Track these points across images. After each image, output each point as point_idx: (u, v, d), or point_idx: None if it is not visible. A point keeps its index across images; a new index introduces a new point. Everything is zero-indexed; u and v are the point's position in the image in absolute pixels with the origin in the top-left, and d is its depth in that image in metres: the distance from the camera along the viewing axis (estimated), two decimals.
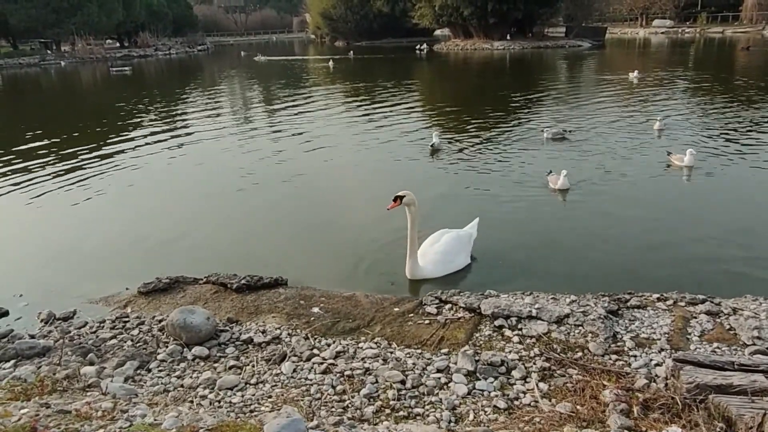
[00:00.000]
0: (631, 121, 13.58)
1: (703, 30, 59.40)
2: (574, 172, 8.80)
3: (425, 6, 53.39)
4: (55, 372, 3.79)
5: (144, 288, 5.46)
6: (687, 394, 3.05)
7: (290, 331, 4.47)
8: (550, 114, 15.34)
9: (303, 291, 5.30)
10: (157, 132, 15.09)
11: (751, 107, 14.71)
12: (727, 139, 11.22)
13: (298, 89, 25.04)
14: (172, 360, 4.10)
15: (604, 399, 3.22)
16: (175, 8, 78.43)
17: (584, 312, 4.38)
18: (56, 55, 54.83)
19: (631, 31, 66.29)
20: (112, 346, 4.37)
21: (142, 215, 8.29)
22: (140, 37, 65.80)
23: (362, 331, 4.47)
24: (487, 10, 48.26)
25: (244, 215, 8.14)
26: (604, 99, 17.69)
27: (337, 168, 10.74)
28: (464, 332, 4.32)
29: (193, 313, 4.37)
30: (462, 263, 5.99)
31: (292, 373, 3.84)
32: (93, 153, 12.42)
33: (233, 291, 5.33)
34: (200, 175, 10.47)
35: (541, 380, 3.61)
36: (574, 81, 25.39)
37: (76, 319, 5.00)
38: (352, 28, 69.21)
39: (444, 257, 5.86)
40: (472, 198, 8.43)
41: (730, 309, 4.48)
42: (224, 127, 15.62)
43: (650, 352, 3.90)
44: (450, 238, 6.01)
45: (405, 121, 15.14)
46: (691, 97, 17.62)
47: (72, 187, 9.71)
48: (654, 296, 4.76)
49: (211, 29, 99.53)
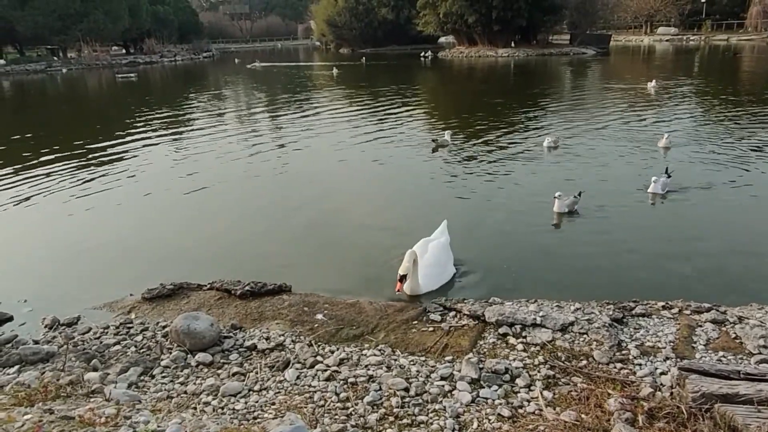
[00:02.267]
0: (637, 132, 13.56)
1: (708, 38, 59.43)
2: (577, 181, 8.78)
3: (430, 13, 53.61)
4: (59, 378, 3.79)
5: (148, 294, 5.46)
6: (692, 403, 3.03)
7: (294, 338, 4.47)
8: (553, 122, 15.33)
9: (307, 297, 5.29)
10: (161, 137, 15.17)
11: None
12: (735, 153, 11.19)
13: (303, 96, 25.11)
14: (175, 366, 4.09)
15: (609, 407, 3.20)
16: (180, 15, 78.84)
17: (589, 320, 4.36)
18: (62, 62, 55.14)
19: (636, 38, 66.40)
20: (115, 352, 4.38)
21: (146, 221, 8.32)
22: (146, 44, 66.16)
23: (366, 338, 4.46)
24: (491, 17, 48.46)
25: (247, 221, 8.15)
26: (612, 108, 17.67)
27: (341, 174, 10.76)
28: (468, 340, 4.31)
29: (197, 320, 4.37)
30: (451, 272, 5.89)
31: (296, 380, 3.83)
32: (98, 158, 12.48)
33: (237, 297, 5.33)
34: (205, 180, 10.50)
35: (546, 388, 3.59)
36: (578, 89, 25.41)
37: (80, 324, 5.01)
38: (357, 36, 69.52)
39: (437, 269, 5.75)
40: (474, 204, 8.43)
41: (735, 317, 4.46)
42: (229, 133, 15.68)
43: (655, 361, 3.88)
44: (437, 249, 5.92)
45: (411, 128, 15.18)
46: (702, 110, 17.57)
47: (77, 193, 9.74)
48: (659, 304, 4.75)
49: (216, 36, 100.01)
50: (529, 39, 53.30)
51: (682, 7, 64.60)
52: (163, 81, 41.51)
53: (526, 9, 48.14)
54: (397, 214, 8.05)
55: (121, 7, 59.22)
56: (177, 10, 77.84)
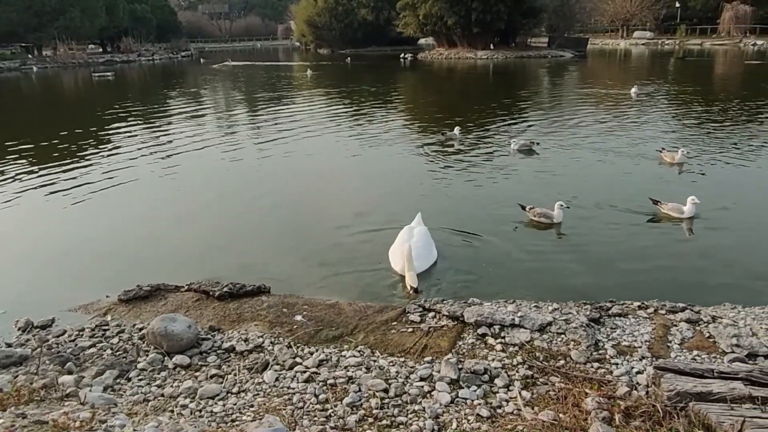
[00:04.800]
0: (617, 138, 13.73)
1: (683, 42, 60.48)
2: (560, 184, 8.86)
3: (409, 15, 53.71)
4: (32, 381, 3.72)
5: (124, 296, 5.39)
6: (668, 401, 3.07)
7: (273, 340, 4.44)
8: (527, 125, 15.46)
9: (286, 299, 5.27)
10: (137, 138, 14.97)
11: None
12: (714, 157, 11.40)
13: (279, 96, 24.97)
14: (152, 369, 4.04)
15: (587, 407, 3.23)
16: (158, 14, 78.03)
17: (566, 320, 4.41)
18: (37, 60, 54.19)
19: (613, 42, 67.25)
20: (91, 354, 4.31)
21: (122, 222, 8.19)
22: (123, 43, 65.35)
23: (345, 339, 4.45)
24: (470, 19, 48.70)
25: (226, 222, 8.09)
26: (593, 115, 17.85)
27: (320, 175, 10.73)
28: (447, 340, 4.32)
29: (174, 321, 4.32)
30: (435, 255, 6.30)
31: (275, 381, 3.81)
32: (72, 159, 12.28)
33: (215, 299, 5.28)
34: (181, 181, 10.40)
35: (524, 388, 3.62)
36: (555, 92, 25.64)
37: (55, 327, 4.92)
38: (337, 36, 69.40)
39: (425, 251, 6.16)
40: (452, 205, 8.47)
41: (709, 317, 4.54)
42: (206, 133, 15.52)
43: (632, 360, 3.93)
44: (422, 234, 6.35)
45: (390, 128, 15.20)
46: (684, 117, 17.84)
47: (50, 194, 9.58)
48: (635, 304, 4.81)
49: (195, 35, 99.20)
50: (508, 41, 53.67)
51: (658, 11, 65.64)
52: (141, 80, 41.01)
53: (506, 12, 48.50)
54: (375, 214, 8.05)
55: (98, 5, 58.47)
56: (155, 9, 77.03)
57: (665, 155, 10.38)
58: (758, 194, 8.81)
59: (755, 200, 8.51)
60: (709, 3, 63.16)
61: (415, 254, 5.89)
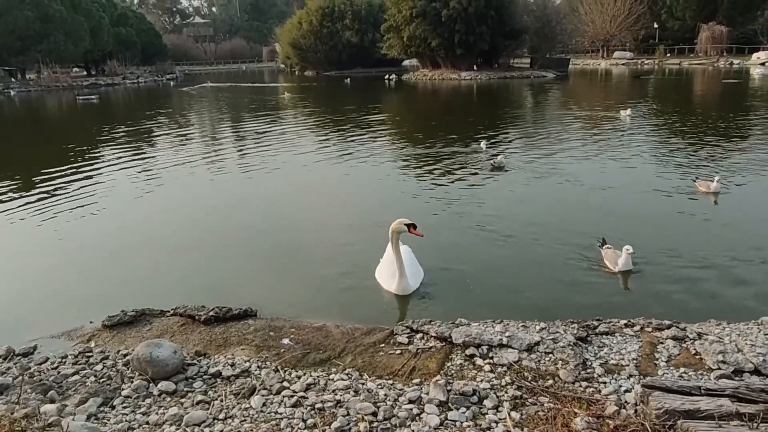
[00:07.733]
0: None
1: (662, 62, 61.75)
2: (544, 204, 8.92)
3: (394, 37, 54.30)
4: (13, 411, 3.64)
5: (108, 321, 5.31)
6: (656, 420, 3.08)
7: (260, 364, 4.39)
8: (511, 141, 15.63)
9: (273, 322, 5.22)
10: (119, 161, 14.87)
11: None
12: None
13: (262, 119, 25.02)
14: (137, 396, 3.98)
15: (576, 427, 3.22)
16: (143, 37, 78.28)
17: (554, 339, 4.41)
18: (21, 83, 53.94)
19: (593, 62, 68.50)
20: (74, 382, 4.23)
21: (106, 246, 8.09)
22: (108, 66, 65.33)
23: (333, 362, 4.42)
24: (454, 41, 49.35)
25: (211, 245, 8.03)
26: (581, 134, 18.07)
27: (303, 197, 10.74)
28: (436, 362, 4.30)
29: (159, 347, 4.26)
30: (422, 274, 6.35)
31: (262, 407, 3.76)
32: (55, 183, 12.15)
33: (201, 323, 5.23)
34: (165, 205, 10.33)
35: (513, 409, 3.60)
36: (538, 111, 25.96)
37: (37, 354, 4.82)
38: (322, 58, 69.94)
39: (415, 269, 6.24)
40: (438, 224, 8.46)
41: (695, 334, 4.56)
42: (190, 156, 15.46)
43: (620, 378, 3.93)
44: (408, 252, 6.38)
45: (374, 149, 15.27)
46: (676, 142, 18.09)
47: (32, 218, 9.46)
48: (621, 322, 4.82)
49: (180, 58, 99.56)
50: (491, 62, 54.40)
51: (637, 32, 67.01)
52: (126, 103, 40.92)
53: (488, 33, 49.24)
54: (359, 236, 8.03)
55: (82, 29, 58.42)
56: (140, 32, 77.29)
57: (700, 184, 9.58)
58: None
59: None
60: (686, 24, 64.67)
61: (409, 273, 6.01)
